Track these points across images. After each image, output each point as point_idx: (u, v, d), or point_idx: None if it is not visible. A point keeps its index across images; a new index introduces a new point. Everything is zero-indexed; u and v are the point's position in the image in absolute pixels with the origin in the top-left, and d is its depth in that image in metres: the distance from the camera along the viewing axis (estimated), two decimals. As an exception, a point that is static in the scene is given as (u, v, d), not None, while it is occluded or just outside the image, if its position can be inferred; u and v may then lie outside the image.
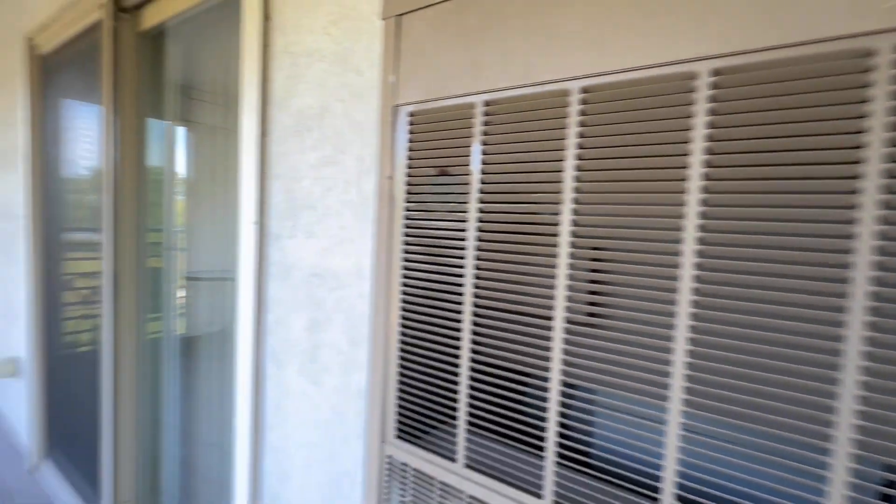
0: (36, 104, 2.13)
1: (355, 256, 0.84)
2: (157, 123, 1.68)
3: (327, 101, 0.88)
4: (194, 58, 1.58)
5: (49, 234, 2.17)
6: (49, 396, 2.26)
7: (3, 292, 2.73)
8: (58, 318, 2.16)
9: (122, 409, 1.68)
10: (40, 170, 2.16)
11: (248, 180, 1.02)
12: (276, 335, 1.01)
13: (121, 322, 1.66)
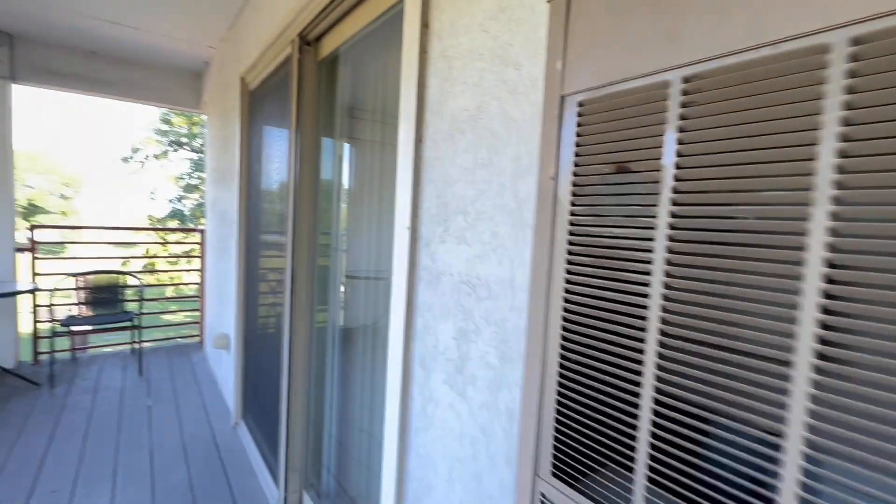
0: (245, 131, 2.63)
1: (508, 265, 0.78)
2: (328, 141, 1.90)
3: (483, 100, 0.84)
4: (360, 78, 1.73)
5: (250, 236, 2.65)
6: (245, 368, 2.76)
7: (221, 281, 3.46)
8: (255, 304, 2.63)
9: (294, 386, 1.93)
10: (247, 183, 2.66)
11: (403, 186, 1.04)
12: (423, 341, 1.01)
13: (296, 311, 1.91)
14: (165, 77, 4.07)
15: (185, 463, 2.41)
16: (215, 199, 3.62)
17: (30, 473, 2.23)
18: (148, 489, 2.16)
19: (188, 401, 3.17)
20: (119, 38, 3.38)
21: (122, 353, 4.08)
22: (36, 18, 3.10)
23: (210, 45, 3.36)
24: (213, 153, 3.71)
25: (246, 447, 2.57)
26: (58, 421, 2.77)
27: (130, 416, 2.89)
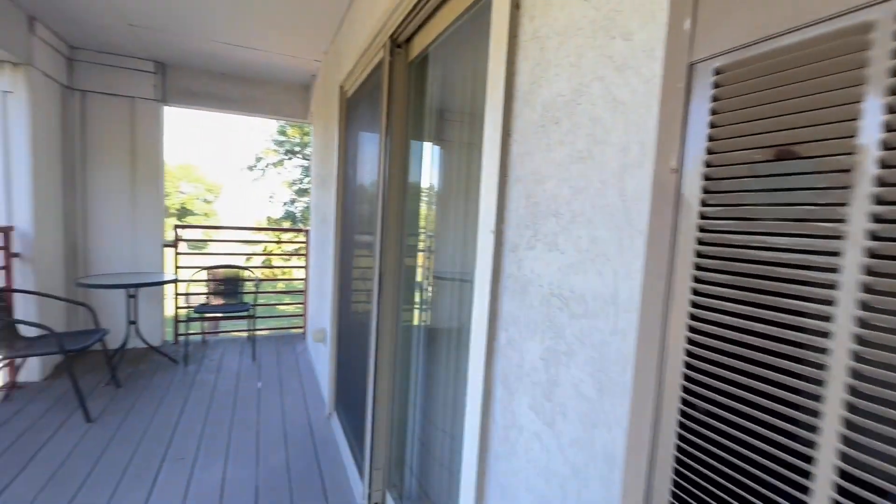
0: (342, 136, 2.75)
1: (611, 278, 0.64)
2: (417, 142, 1.88)
3: (581, 82, 0.71)
4: (449, 77, 1.68)
5: (345, 236, 2.77)
6: (338, 362, 2.89)
7: (321, 278, 3.70)
8: (348, 301, 2.74)
9: (379, 385, 1.95)
10: (343, 187, 2.79)
11: (488, 185, 0.95)
12: (507, 357, 0.91)
13: (383, 311, 1.92)
14: (279, 92, 4.50)
15: (284, 446, 2.59)
16: (318, 202, 3.89)
17: (165, 439, 2.58)
18: (253, 467, 2.36)
19: (291, 387, 3.44)
20: (242, 60, 3.81)
21: (241, 340, 4.60)
22: (182, 49, 3.62)
23: (316, 58, 3.62)
24: (317, 159, 3.99)
25: (337, 438, 2.69)
26: (188, 396, 3.18)
27: (243, 397, 3.22)
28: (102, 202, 3.91)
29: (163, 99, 4.05)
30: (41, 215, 3.27)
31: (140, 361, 3.79)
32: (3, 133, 3.06)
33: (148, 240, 4.09)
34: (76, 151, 3.76)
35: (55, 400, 2.97)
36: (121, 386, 3.28)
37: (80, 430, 2.62)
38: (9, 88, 3.04)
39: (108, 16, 3.02)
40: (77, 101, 3.73)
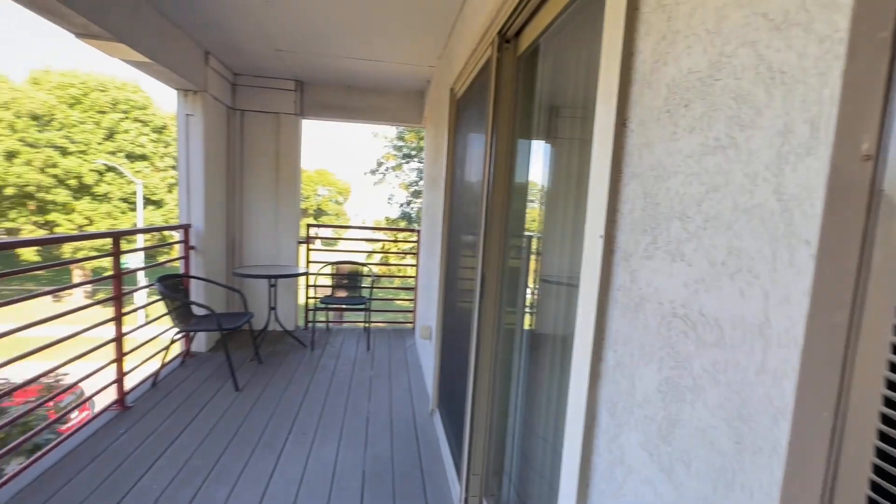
0: (451, 137, 2.79)
1: (759, 300, 0.50)
2: (523, 141, 1.79)
3: (722, 51, 0.57)
4: (560, 69, 1.56)
5: (451, 237, 2.80)
6: (442, 361, 2.94)
7: (429, 276, 3.82)
8: (452, 301, 2.77)
9: (478, 388, 1.91)
10: (450, 188, 2.82)
11: (598, 182, 0.83)
12: (615, 382, 0.78)
13: (484, 312, 1.88)
14: (397, 99, 4.77)
15: (390, 436, 2.72)
16: (429, 203, 4.03)
17: (291, 415, 2.90)
18: (361, 452, 2.52)
19: (399, 379, 3.61)
20: (365, 72, 4.12)
21: (358, 330, 5.00)
22: (317, 67, 4.06)
23: (430, 64, 3.74)
24: (429, 162, 4.13)
25: (439, 436, 2.73)
26: (312, 378, 3.55)
27: (357, 384, 3.47)
28: (253, 204, 4.59)
29: (301, 112, 4.59)
30: (210, 215, 3.95)
31: (277, 342, 4.36)
32: (185, 148, 3.77)
33: (286, 237, 4.68)
34: (236, 161, 4.48)
35: (214, 369, 3.57)
36: (262, 363, 3.80)
37: (230, 398, 3.09)
38: (191, 112, 3.73)
39: (260, 44, 3.52)
40: (238, 119, 4.44)
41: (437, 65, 3.66)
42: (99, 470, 2.20)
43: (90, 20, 2.32)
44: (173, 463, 2.30)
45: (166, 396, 3.04)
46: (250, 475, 2.24)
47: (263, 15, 2.97)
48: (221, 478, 2.20)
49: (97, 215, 20.50)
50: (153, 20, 2.94)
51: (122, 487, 2.08)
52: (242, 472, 2.26)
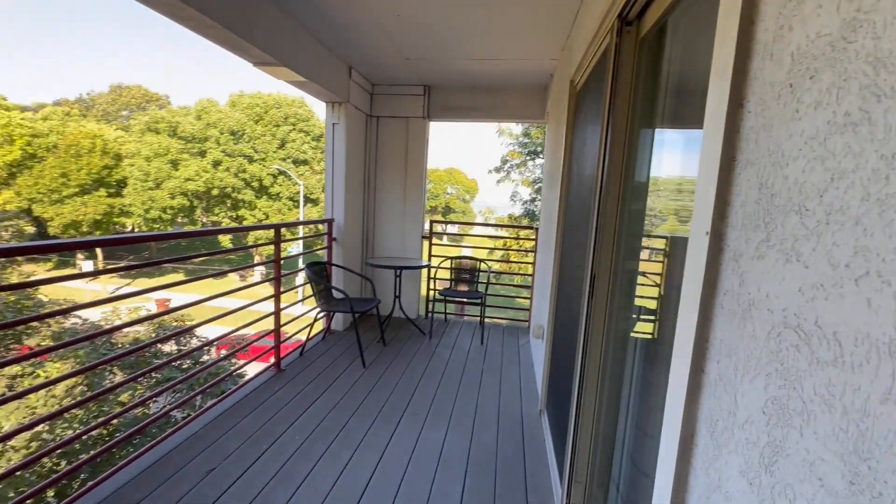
0: (569, 132, 2.68)
1: (889, 313, 0.40)
2: (644, 131, 1.65)
3: (860, 7, 0.47)
4: (690, 49, 1.40)
5: (565, 234, 2.71)
6: (551, 362, 2.86)
7: (544, 275, 3.74)
8: (563, 301, 2.68)
9: (584, 394, 1.82)
10: (566, 184, 2.72)
11: (706, 173, 0.74)
12: (716, 397, 0.69)
13: (593, 315, 1.78)
14: (519, 96, 4.75)
15: (496, 428, 2.76)
16: (546, 200, 3.93)
17: (407, 396, 3.15)
18: (468, 440, 2.62)
19: (509, 375, 3.63)
20: (488, 72, 4.20)
21: (473, 324, 5.14)
22: (442, 71, 4.28)
23: (553, 57, 3.64)
24: (548, 158, 4.03)
25: (545, 436, 2.68)
26: (428, 364, 3.79)
27: (469, 375, 3.59)
28: (384, 201, 5.06)
29: (427, 116, 4.89)
30: (349, 210, 4.49)
31: (399, 328, 4.75)
32: (331, 153, 4.35)
33: (412, 231, 5.06)
34: (370, 162, 4.99)
35: (347, 346, 4.06)
36: (386, 345, 4.19)
37: (358, 373, 3.49)
38: (336, 121, 4.29)
39: (392, 56, 3.86)
40: (374, 125, 4.94)
41: (559, 58, 3.54)
42: (259, 416, 2.71)
43: (263, 50, 2.84)
44: (311, 421, 2.70)
45: (310, 365, 3.58)
46: (370, 443, 2.51)
47: (394, 29, 3.26)
48: (346, 441, 2.52)
49: (271, 211, 24.84)
50: (308, 45, 3.45)
51: (273, 434, 2.53)
52: (363, 438, 2.55)
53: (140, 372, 2.59)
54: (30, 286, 7.12)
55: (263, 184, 24.57)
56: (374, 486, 2.15)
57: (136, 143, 24.38)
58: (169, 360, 3.28)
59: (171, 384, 2.78)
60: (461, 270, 5.03)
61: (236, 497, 2.00)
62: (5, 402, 2.66)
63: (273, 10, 2.92)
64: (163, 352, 7.95)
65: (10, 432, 1.92)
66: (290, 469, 2.23)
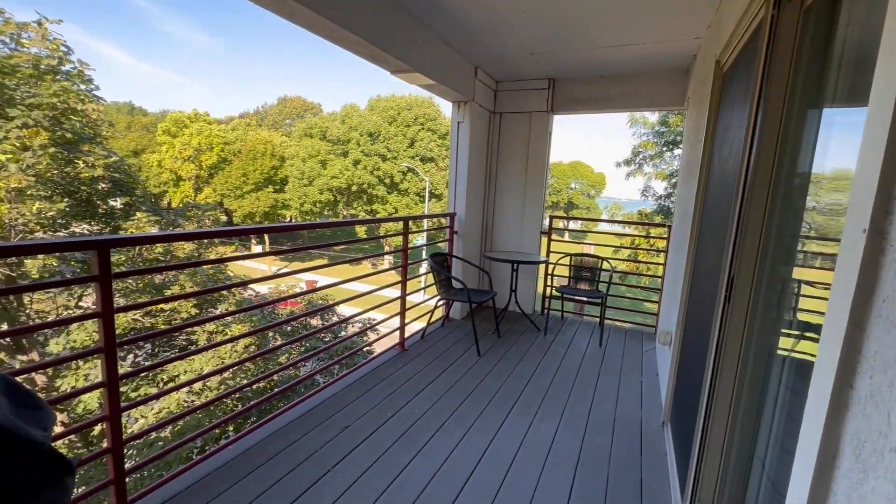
0: (712, 118, 2.41)
1: None
2: (808, 113, 1.42)
3: None
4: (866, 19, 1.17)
5: (701, 233, 2.44)
6: (678, 372, 2.63)
7: (674, 278, 3.42)
8: (696, 307, 2.43)
9: (715, 412, 1.66)
10: (705, 176, 2.45)
11: (869, 160, 0.65)
12: (865, 416, 0.61)
13: (728, 326, 1.61)
14: (653, 82, 4.36)
15: (610, 433, 2.65)
16: (682, 195, 3.57)
17: (519, 387, 3.20)
18: (579, 439, 2.57)
19: (629, 382, 3.42)
20: (619, 59, 3.95)
21: (592, 324, 4.93)
22: (568, 63, 4.17)
23: (697, 36, 3.28)
24: (686, 148, 3.64)
25: (667, 450, 2.48)
26: (541, 359, 3.78)
27: (584, 376, 3.49)
28: (504, 196, 5.13)
29: (551, 109, 4.81)
30: (470, 205, 4.68)
31: (514, 322, 4.80)
32: (455, 150, 4.58)
33: (530, 227, 5.05)
34: (491, 158, 5.11)
35: (463, 335, 4.26)
36: (500, 336, 4.29)
37: (473, 360, 3.66)
38: (461, 119, 4.50)
39: (518, 52, 3.90)
40: (497, 122, 5.04)
41: (705, 36, 3.17)
42: (385, 388, 3.05)
43: (400, 59, 3.14)
44: (429, 398, 2.94)
45: (430, 347, 3.86)
46: (481, 425, 2.64)
47: (520, 26, 3.29)
48: (460, 420, 2.68)
49: (400, 205, 26.90)
50: (439, 49, 3.69)
51: (397, 405, 2.83)
52: (475, 420, 2.69)
53: (293, 339, 3.11)
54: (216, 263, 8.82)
55: (394, 180, 26.71)
56: (484, 464, 2.27)
57: (295, 147, 28.66)
58: (313, 332, 3.85)
59: (316, 351, 3.29)
60: (581, 268, 4.85)
61: (367, 451, 2.31)
62: (204, 350, 3.42)
63: (407, 20, 3.20)
64: (311, 325, 9.30)
65: (208, 373, 2.52)
66: (411, 436, 2.48)
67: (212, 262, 2.69)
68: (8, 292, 1.57)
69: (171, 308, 7.32)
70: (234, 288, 8.48)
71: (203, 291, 4.54)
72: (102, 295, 1.63)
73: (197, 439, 5.85)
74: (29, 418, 0.97)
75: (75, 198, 7.37)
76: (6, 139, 6.41)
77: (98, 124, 8.22)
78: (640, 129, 12.48)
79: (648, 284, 9.64)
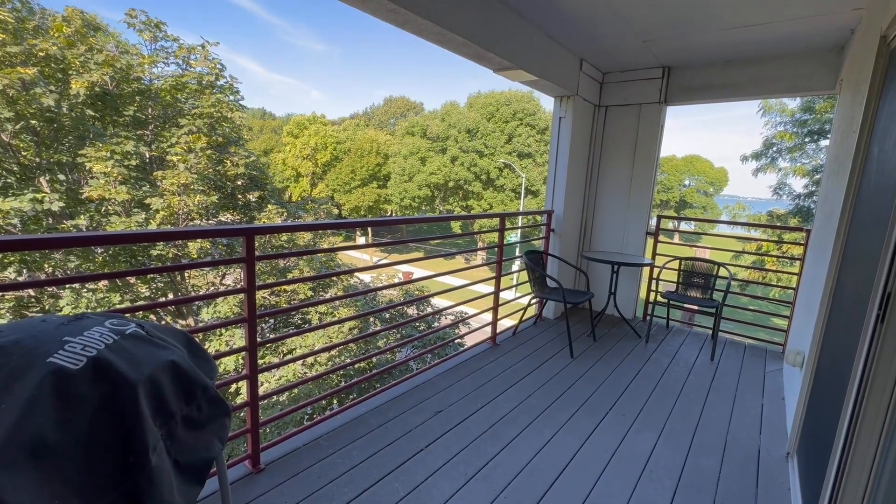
0: (872, 103, 2.03)
1: None
2: None
3: None
4: None
5: (851, 239, 2.09)
6: (811, 396, 2.28)
7: (811, 290, 2.96)
8: (839, 325, 2.09)
9: (857, 443, 1.43)
10: (860, 172, 2.08)
11: None
12: None
13: (881, 343, 1.38)
14: (795, 64, 3.78)
15: (719, 457, 2.41)
16: (827, 194, 3.06)
17: (615, 395, 3.06)
18: (682, 457, 2.38)
19: (745, 404, 3.05)
20: (747, 41, 3.50)
21: (703, 335, 4.47)
22: (685, 49, 3.81)
23: (856, 6, 2.77)
24: (836, 139, 3.10)
25: (790, 484, 2.19)
26: (641, 368, 3.54)
27: (691, 391, 3.20)
28: (606, 193, 4.88)
29: (664, 100, 4.44)
30: (569, 203, 4.55)
31: (612, 326, 4.56)
32: (556, 146, 4.47)
33: (634, 227, 4.73)
34: (594, 154, 4.88)
35: (556, 335, 4.18)
36: (596, 340, 4.11)
37: (565, 362, 3.57)
38: (563, 115, 4.38)
39: (629, 41, 3.67)
40: (601, 115, 4.80)
41: (868, 6, 2.66)
42: (476, 379, 3.14)
43: (503, 58, 3.17)
44: (519, 394, 2.96)
45: (521, 345, 3.86)
46: (572, 428, 2.59)
47: (632, 13, 3.09)
48: (549, 420, 2.66)
49: (495, 202, 26.93)
50: (542, 44, 3.64)
51: (486, 397, 2.89)
52: (566, 423, 2.64)
53: (390, 326, 3.36)
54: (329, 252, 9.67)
55: (490, 176, 26.81)
56: (571, 468, 2.23)
57: (398, 145, 30.30)
58: (409, 321, 4.08)
59: (410, 339, 3.50)
60: (693, 274, 4.42)
61: (456, 437, 2.42)
62: (317, 329, 3.85)
63: (510, 16, 3.21)
64: (407, 313, 9.85)
65: (319, 349, 2.85)
66: (499, 430, 2.53)
67: (326, 251, 3.04)
68: (175, 269, 1.96)
69: (291, 289, 8.32)
70: (342, 275, 9.30)
71: (322, 276, 5.14)
72: (248, 274, 1.94)
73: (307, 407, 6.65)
74: (201, 367, 1.22)
75: (223, 192, 8.75)
76: (178, 143, 7.85)
77: (241, 129, 9.62)
78: (775, 117, 10.80)
79: (779, 296, 8.32)
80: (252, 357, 2.00)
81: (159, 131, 8.39)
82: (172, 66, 8.89)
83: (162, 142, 8.24)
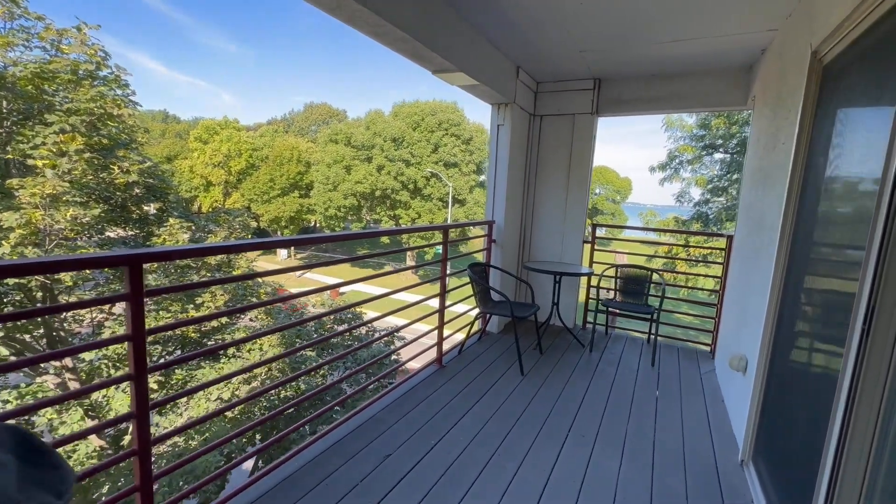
0: (808, 118, 2.10)
1: None
2: None
3: None
4: None
5: (795, 248, 2.14)
6: (764, 405, 2.31)
7: (743, 294, 3.09)
8: (790, 332, 2.12)
9: (845, 474, 1.37)
10: (800, 184, 2.14)
11: None
12: None
13: (868, 362, 1.33)
14: (709, 81, 4.04)
15: (682, 472, 2.35)
16: (751, 202, 3.24)
17: (570, 414, 2.93)
18: (647, 476, 2.28)
19: (692, 409, 3.09)
20: (674, 56, 3.66)
21: (639, 341, 4.59)
22: (617, 61, 3.89)
23: (771, 27, 2.96)
24: (756, 152, 3.30)
25: (755, 497, 2.17)
26: (590, 381, 3.48)
27: (641, 400, 3.18)
28: (543, 202, 4.87)
29: (596, 111, 4.53)
30: (508, 213, 4.44)
31: (556, 337, 4.51)
32: (494, 155, 4.35)
33: (572, 236, 4.76)
34: (531, 163, 4.86)
35: (504, 349, 4.01)
36: (542, 353, 4.01)
37: (517, 379, 3.40)
38: (501, 122, 4.27)
39: (566, 49, 3.65)
40: (536, 124, 4.79)
41: (781, 27, 2.86)
42: (426, 410, 2.82)
43: (444, 58, 2.94)
44: (474, 424, 2.70)
45: (469, 364, 3.62)
46: (535, 460, 2.38)
47: (572, 21, 3.04)
48: (510, 452, 2.43)
49: (423, 211, 26.81)
50: (482, 48, 3.48)
51: (439, 431, 2.60)
52: (528, 453, 2.43)
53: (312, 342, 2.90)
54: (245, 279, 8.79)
55: (418, 186, 26.66)
56: (543, 509, 2.01)
57: (320, 153, 28.98)
58: (333, 335, 3.64)
59: (349, 373, 3.09)
60: (628, 280, 4.53)
61: (409, 489, 2.08)
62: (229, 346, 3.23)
63: (452, 16, 3.00)
64: (343, 338, 9.20)
65: (230, 373, 2.33)
66: (457, 472, 2.24)
67: (241, 279, 2.53)
68: (39, 313, 1.41)
69: (202, 303, 7.31)
70: (266, 305, 8.43)
71: (229, 311, 4.47)
72: (133, 314, 1.46)
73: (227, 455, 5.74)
74: (41, 482, 0.76)
75: (110, 203, 7.46)
76: (43, 145, 6.49)
77: (133, 130, 8.34)
78: (676, 132, 11.97)
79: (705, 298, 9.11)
80: (143, 426, 1.51)
81: (17, 129, 6.90)
82: (37, 51, 7.41)
83: (20, 142, 6.75)
